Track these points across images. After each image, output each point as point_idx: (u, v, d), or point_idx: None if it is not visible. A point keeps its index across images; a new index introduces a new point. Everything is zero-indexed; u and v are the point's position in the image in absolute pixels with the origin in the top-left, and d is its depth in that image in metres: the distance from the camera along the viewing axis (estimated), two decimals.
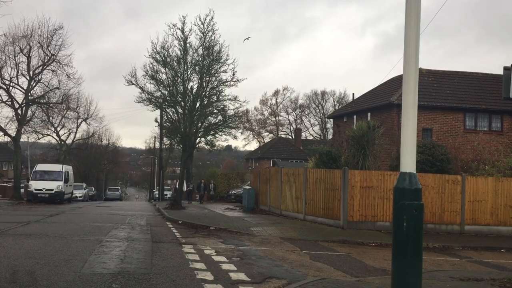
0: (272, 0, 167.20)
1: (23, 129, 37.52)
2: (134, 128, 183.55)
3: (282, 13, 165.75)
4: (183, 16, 26.31)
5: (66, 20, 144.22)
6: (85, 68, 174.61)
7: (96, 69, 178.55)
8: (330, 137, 59.03)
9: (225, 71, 26.94)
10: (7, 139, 42.51)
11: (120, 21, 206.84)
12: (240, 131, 54.60)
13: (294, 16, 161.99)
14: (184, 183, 33.67)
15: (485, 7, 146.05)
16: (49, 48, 35.39)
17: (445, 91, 26.55)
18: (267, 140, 74.35)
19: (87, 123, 52.35)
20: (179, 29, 26.21)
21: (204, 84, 26.79)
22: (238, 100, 27.25)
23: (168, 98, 26.98)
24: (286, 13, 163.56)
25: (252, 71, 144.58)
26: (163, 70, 26.60)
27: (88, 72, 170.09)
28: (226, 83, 27.11)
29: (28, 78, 35.48)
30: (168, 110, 28.45)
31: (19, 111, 35.42)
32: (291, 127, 76.81)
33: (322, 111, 73.74)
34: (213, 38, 26.51)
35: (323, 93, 74.76)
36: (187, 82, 26.81)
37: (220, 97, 27.44)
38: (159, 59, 26.35)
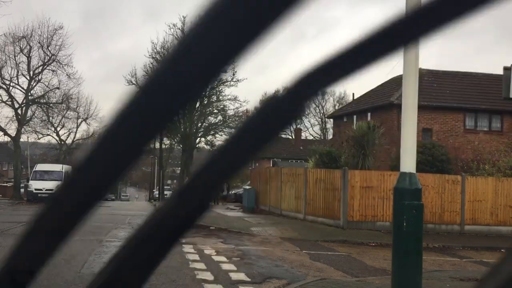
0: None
1: (23, 129, 37.54)
2: None
3: (302, 14, 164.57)
4: (183, 16, 26.37)
5: (85, 21, 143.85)
6: (99, 69, 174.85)
7: (110, 69, 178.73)
8: (330, 137, 59.03)
9: (225, 71, 26.99)
10: (7, 139, 42.55)
11: (139, 23, 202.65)
12: None
13: (314, 16, 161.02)
14: None
15: (505, 7, 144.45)
16: (49, 48, 35.44)
17: (445, 91, 26.53)
18: None
19: (87, 123, 52.30)
20: (179, 29, 26.27)
21: None
22: (238, 100, 27.33)
23: None
24: (306, 14, 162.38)
25: (265, 71, 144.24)
26: None
27: (101, 72, 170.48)
28: (226, 83, 27.18)
29: (28, 78, 35.53)
30: None
31: (19, 111, 35.44)
32: (291, 127, 76.81)
33: (322, 111, 73.75)
34: None
35: (323, 93, 74.68)
36: None
37: (220, 97, 27.51)
38: (159, 59, 26.37)
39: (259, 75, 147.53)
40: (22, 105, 35.66)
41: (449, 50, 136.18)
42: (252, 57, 0.43)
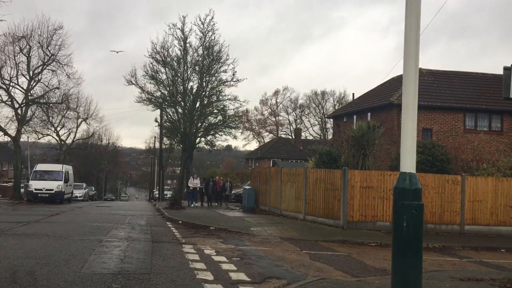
0: (299, 0, 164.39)
1: (23, 129, 37.49)
2: (135, 128, 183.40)
3: (307, 14, 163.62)
4: (183, 16, 26.35)
5: (91, 21, 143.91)
6: (103, 68, 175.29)
7: (114, 69, 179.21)
8: (330, 137, 59.00)
9: (225, 71, 26.98)
10: (7, 139, 42.52)
11: (146, 23, 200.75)
12: (240, 131, 54.62)
13: (320, 16, 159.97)
14: (197, 179, 30.79)
15: (510, 7, 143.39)
16: (49, 48, 35.39)
17: (445, 91, 26.55)
18: (267, 140, 74.33)
19: (87, 123, 52.33)
20: (179, 29, 26.27)
21: (204, 84, 26.82)
22: (238, 100, 27.32)
23: (168, 98, 26.99)
24: (312, 14, 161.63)
25: (268, 71, 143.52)
26: (163, 70, 26.65)
27: (105, 72, 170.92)
28: (226, 83, 27.17)
29: (28, 78, 35.48)
30: (168, 110, 28.47)
31: (19, 111, 35.40)
32: (291, 127, 76.82)
33: (322, 111, 73.76)
34: (213, 38, 26.57)
35: (323, 93, 74.82)
36: (187, 82, 26.85)
37: (220, 97, 27.50)
38: (159, 59, 26.38)
39: (262, 75, 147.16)
40: (22, 105, 35.62)
41: (452, 51, 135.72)
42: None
